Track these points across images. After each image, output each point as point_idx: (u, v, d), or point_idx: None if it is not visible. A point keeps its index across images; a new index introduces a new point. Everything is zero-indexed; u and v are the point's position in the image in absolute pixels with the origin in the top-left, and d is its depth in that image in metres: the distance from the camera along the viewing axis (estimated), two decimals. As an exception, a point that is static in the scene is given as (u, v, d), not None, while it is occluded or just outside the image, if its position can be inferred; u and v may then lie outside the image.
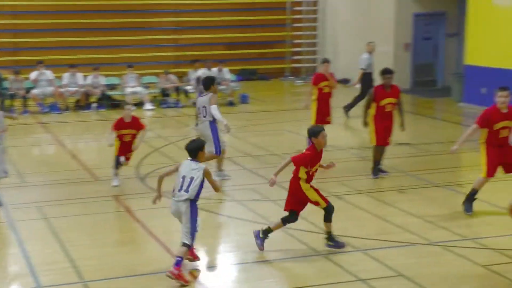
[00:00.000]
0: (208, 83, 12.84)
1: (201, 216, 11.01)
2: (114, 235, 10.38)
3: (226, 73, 21.55)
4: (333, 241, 9.31)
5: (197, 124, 17.25)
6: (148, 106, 20.79)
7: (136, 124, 12.37)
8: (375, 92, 12.54)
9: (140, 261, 9.20)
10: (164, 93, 21.37)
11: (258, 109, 20.61)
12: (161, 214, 11.29)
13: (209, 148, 12.33)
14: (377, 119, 12.50)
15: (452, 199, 11.74)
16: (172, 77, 21.64)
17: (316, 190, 9.23)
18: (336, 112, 15.57)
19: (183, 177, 8.54)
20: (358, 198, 11.80)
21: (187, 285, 8.32)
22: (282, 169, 9.07)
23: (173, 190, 8.62)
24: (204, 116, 12.75)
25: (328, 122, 14.99)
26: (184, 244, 8.48)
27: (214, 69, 21.38)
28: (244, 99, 21.79)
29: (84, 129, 18.93)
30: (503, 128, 10.33)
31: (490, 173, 10.44)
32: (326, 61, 15.33)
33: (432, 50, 23.97)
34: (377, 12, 24.07)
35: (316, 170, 9.19)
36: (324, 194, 11.84)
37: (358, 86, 18.82)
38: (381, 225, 10.15)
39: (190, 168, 8.54)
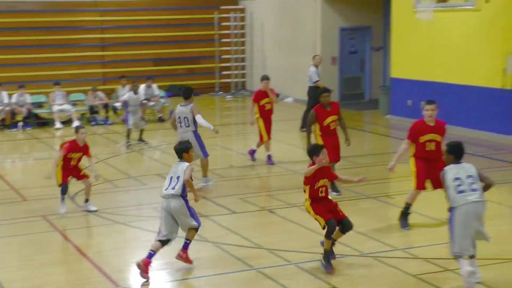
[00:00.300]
0: (188, 93, 13.35)
1: (133, 234, 10.93)
2: (44, 255, 10.17)
3: (155, 89, 21.45)
4: (324, 261, 9.12)
5: (128, 143, 17.19)
6: (76, 123, 20.49)
7: (86, 149, 11.89)
8: (317, 113, 12.51)
9: (71, 281, 9.02)
10: (93, 110, 21.12)
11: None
12: (93, 233, 11.13)
13: (198, 154, 13.04)
14: (324, 138, 12.32)
15: (382, 210, 11.92)
16: (100, 94, 21.41)
17: (321, 207, 9.04)
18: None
19: (171, 178, 9.24)
20: (290, 211, 11.85)
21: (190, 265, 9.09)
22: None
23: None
24: (187, 126, 13.22)
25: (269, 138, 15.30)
26: (193, 228, 9.18)
27: (143, 86, 21.24)
28: (174, 115, 21.65)
29: (10, 148, 18.54)
30: (429, 141, 10.44)
31: (420, 186, 10.59)
32: (265, 78, 15.35)
33: (359, 63, 24.36)
34: (303, 27, 24.34)
35: (323, 186, 9.06)
36: (255, 208, 11.96)
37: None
38: (313, 238, 10.22)
39: (177, 169, 9.26)
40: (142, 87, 21.24)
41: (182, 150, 9.45)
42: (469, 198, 8.18)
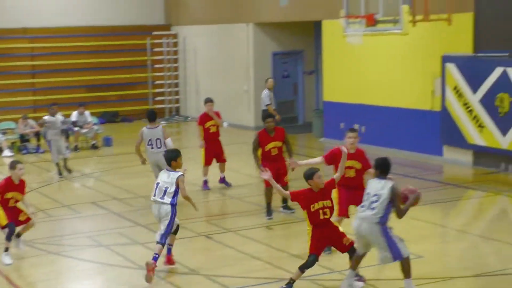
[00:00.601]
0: (154, 116, 14.03)
1: (66, 264, 10.74)
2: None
3: (88, 116, 21.20)
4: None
5: (58, 173, 16.87)
6: (6, 152, 20.09)
7: (22, 187, 10.71)
8: (259, 138, 12.51)
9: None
10: (23, 138, 20.73)
11: (122, 152, 20.35)
12: (25, 264, 10.87)
13: None
14: (264, 164, 12.18)
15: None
16: (31, 122, 21.05)
17: (318, 236, 8.93)
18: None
19: (157, 184, 9.78)
20: (227, 236, 11.83)
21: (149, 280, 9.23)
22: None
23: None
24: (159, 147, 13.68)
25: (223, 161, 15.30)
26: (158, 243, 9.59)
27: (75, 112, 21.00)
28: (107, 142, 21.48)
29: None
30: (349, 168, 10.37)
31: (342, 212, 10.61)
32: (209, 100, 15.36)
33: (292, 87, 24.59)
34: (236, 51, 24.47)
35: (324, 208, 8.91)
36: (192, 234, 11.89)
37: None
38: (250, 263, 10.22)
39: (168, 179, 9.70)
40: (74, 114, 21.04)
41: (171, 158, 9.78)
42: (360, 214, 8.60)
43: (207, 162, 15.17)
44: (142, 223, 12.65)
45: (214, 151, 15.19)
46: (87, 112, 21.25)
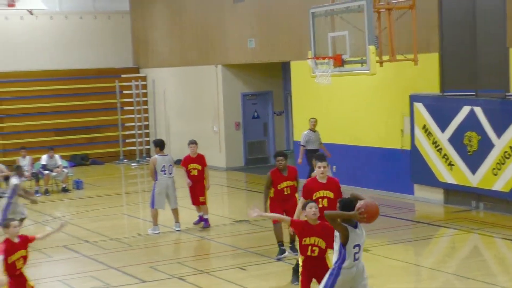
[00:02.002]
0: (164, 144, 15.10)
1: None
2: None
3: (58, 159, 21.08)
4: None
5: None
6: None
7: (25, 243, 9.53)
8: (272, 176, 12.36)
9: None
10: (-8, 183, 20.51)
11: (93, 194, 20.24)
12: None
13: (174, 201, 14.93)
14: (273, 204, 12.18)
15: (290, 271, 11.96)
16: (1, 166, 20.82)
17: (309, 274, 8.75)
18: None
19: None
20: (200, 278, 11.77)
21: None
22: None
23: None
24: (170, 173, 14.87)
25: (202, 203, 15.20)
26: None
27: (45, 156, 20.88)
28: (78, 185, 21.34)
29: None
30: (322, 197, 10.40)
31: None
32: (192, 142, 15.41)
33: (262, 128, 24.71)
34: (205, 93, 24.58)
35: (315, 246, 8.71)
36: (165, 276, 11.81)
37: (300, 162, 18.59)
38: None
39: None
40: (44, 157, 20.92)
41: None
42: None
43: (195, 202, 15.25)
44: (115, 265, 12.54)
45: (194, 193, 15.18)
46: (57, 155, 21.14)
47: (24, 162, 20.90)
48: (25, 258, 9.43)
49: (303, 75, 19.31)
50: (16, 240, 9.37)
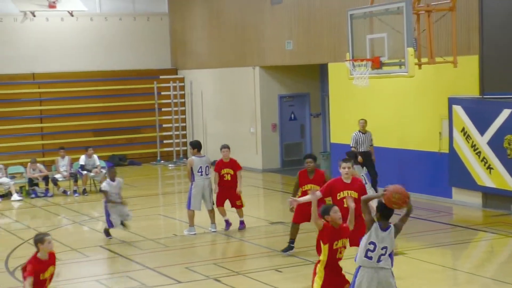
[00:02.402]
0: (200, 145, 15.38)
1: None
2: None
3: (96, 159, 21.26)
4: None
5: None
6: (15, 196, 20.13)
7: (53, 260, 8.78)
8: (299, 177, 12.56)
9: None
10: (32, 182, 20.77)
11: (130, 195, 20.32)
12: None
13: (209, 202, 14.98)
14: (300, 205, 12.13)
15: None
16: (40, 166, 21.12)
17: (330, 278, 8.70)
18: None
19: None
20: (236, 279, 11.78)
21: None
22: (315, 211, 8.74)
23: None
24: (207, 174, 14.97)
25: (239, 207, 15.13)
26: None
27: (83, 156, 21.08)
28: (115, 185, 21.46)
29: None
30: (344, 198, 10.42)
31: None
32: (224, 147, 15.34)
33: (299, 130, 24.67)
34: (242, 94, 24.62)
35: (343, 247, 8.74)
36: (200, 277, 11.86)
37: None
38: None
39: None
40: (82, 157, 21.11)
41: None
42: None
43: (219, 203, 15.11)
44: (151, 266, 12.62)
45: (226, 196, 15.07)
46: (95, 156, 21.31)
47: (63, 162, 21.19)
48: (52, 274, 8.76)
49: (341, 77, 19.23)
50: (46, 256, 8.60)
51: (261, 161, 23.82)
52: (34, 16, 25.03)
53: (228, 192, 15.03)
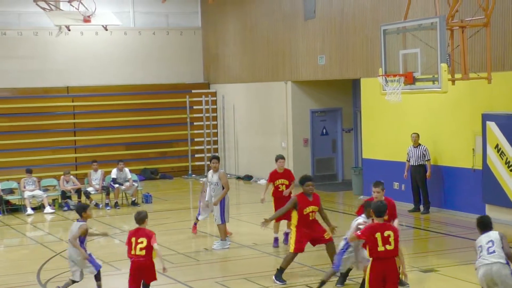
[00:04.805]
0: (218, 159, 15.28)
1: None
2: None
3: (128, 173, 21.39)
4: None
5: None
6: (48, 209, 20.32)
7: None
8: (299, 201, 12.27)
9: None
10: (64, 195, 20.95)
11: (162, 208, 20.46)
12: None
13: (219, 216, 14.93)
14: (300, 230, 12.21)
15: (359, 291, 11.85)
16: (73, 178, 21.30)
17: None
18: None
19: None
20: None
21: None
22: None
23: None
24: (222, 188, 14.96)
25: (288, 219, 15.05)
26: None
27: (115, 169, 21.21)
28: (147, 199, 21.61)
29: (-19, 235, 18.26)
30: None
31: None
32: (280, 157, 15.31)
33: (331, 145, 24.59)
34: (274, 109, 24.64)
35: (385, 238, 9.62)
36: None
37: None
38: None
39: None
40: (114, 171, 21.24)
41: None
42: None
43: (279, 218, 14.67)
44: (182, 280, 12.62)
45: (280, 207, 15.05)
46: (126, 169, 21.44)
47: (96, 175, 21.35)
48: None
49: (373, 92, 19.17)
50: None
51: (292, 176, 23.74)
52: (69, 30, 25.34)
53: (283, 203, 14.95)
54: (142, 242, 10.60)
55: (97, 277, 11.68)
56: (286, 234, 15.07)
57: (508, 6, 16.22)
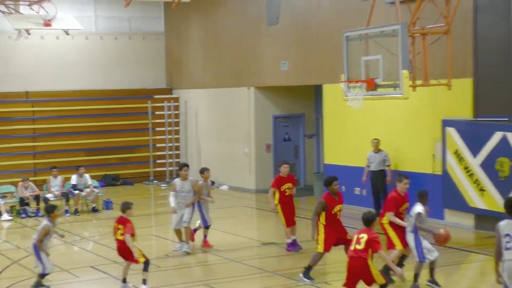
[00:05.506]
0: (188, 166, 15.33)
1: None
2: None
3: (88, 179, 21.15)
4: None
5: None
6: (5, 216, 20.00)
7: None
8: (327, 201, 12.45)
9: None
10: (23, 202, 20.61)
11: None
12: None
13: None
14: (328, 228, 12.42)
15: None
16: (32, 185, 21.00)
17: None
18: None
19: None
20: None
21: None
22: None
23: None
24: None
25: (295, 223, 15.12)
26: None
27: (74, 176, 20.96)
28: (108, 205, 21.40)
29: None
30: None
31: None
32: (285, 162, 15.31)
33: (293, 150, 24.63)
34: (237, 114, 24.60)
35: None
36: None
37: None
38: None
39: None
40: (74, 177, 20.99)
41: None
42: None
43: (289, 223, 14.95)
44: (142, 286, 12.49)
45: (292, 212, 15.01)
46: (87, 175, 21.21)
47: (56, 182, 21.08)
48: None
49: (336, 98, 19.26)
50: None
51: (255, 182, 23.75)
52: (29, 34, 24.98)
53: (291, 208, 15.01)
54: (120, 229, 12.29)
55: (39, 279, 12.37)
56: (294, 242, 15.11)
57: (468, 14, 16.40)
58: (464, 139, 16.45)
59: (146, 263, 12.19)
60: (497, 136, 15.65)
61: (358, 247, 10.04)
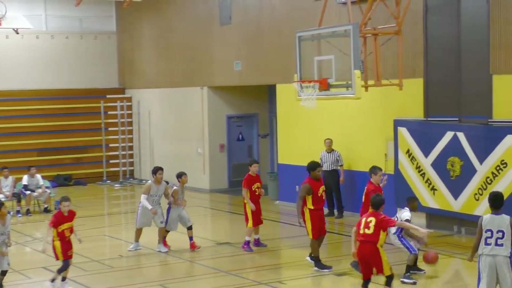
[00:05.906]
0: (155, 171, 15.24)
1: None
2: None
3: (40, 179, 20.90)
4: None
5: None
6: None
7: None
8: (311, 185, 12.95)
9: None
10: (-27, 202, 20.26)
11: (76, 215, 20.02)
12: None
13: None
14: (313, 212, 12.94)
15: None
16: (-17, 186, 20.66)
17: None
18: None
19: None
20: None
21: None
22: None
23: None
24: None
25: (261, 222, 15.29)
26: None
27: (26, 176, 20.70)
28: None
29: None
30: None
31: None
32: (254, 161, 15.45)
33: (247, 150, 24.69)
34: (190, 114, 24.57)
35: None
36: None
37: None
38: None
39: None
40: (25, 177, 20.74)
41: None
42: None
43: (256, 223, 15.04)
44: (95, 287, 12.44)
45: (260, 212, 15.15)
46: (38, 175, 20.96)
47: (6, 182, 20.78)
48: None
49: (289, 98, 19.35)
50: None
51: (209, 182, 23.76)
52: (-22, 32, 24.65)
53: (259, 207, 15.17)
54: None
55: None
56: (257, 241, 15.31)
57: (418, 15, 16.64)
58: (416, 138, 16.67)
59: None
60: (448, 136, 15.89)
61: (367, 231, 10.21)
